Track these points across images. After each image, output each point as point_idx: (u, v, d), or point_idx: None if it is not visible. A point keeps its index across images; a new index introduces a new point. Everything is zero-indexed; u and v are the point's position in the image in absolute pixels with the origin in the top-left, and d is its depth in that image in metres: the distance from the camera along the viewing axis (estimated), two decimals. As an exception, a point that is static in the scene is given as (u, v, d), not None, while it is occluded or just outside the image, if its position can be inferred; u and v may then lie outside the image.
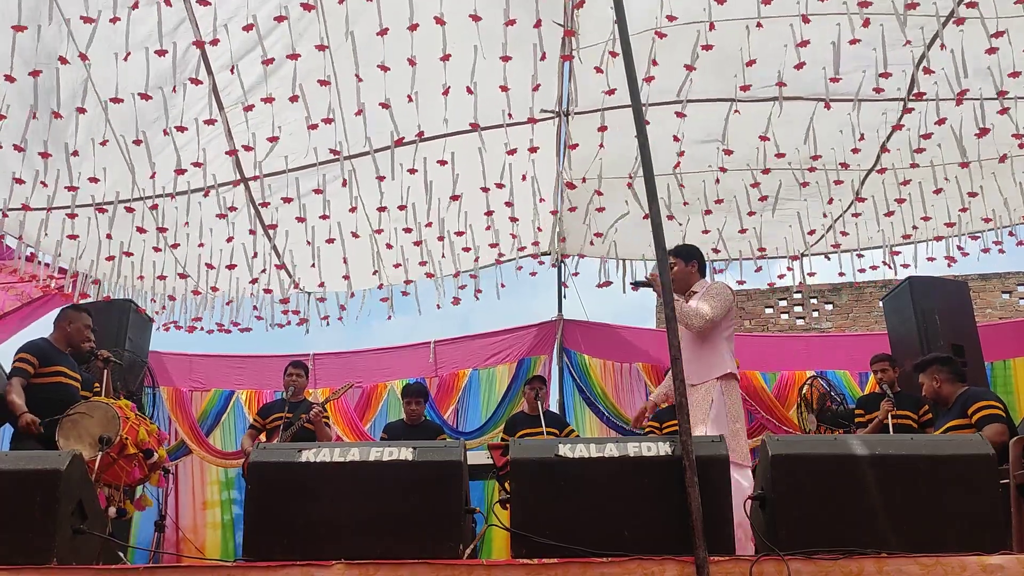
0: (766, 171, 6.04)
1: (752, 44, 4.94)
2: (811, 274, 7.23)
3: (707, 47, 4.84)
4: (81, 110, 4.78)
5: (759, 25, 4.74)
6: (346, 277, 6.69)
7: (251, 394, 7.85)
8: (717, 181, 6.24)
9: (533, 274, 7.37)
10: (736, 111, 5.40)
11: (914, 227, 6.66)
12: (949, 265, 6.89)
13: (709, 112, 5.56)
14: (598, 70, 4.96)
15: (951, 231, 6.73)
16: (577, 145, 5.82)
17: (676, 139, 5.68)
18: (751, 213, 6.49)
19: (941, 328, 6.30)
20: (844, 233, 6.88)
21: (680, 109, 5.39)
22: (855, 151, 5.81)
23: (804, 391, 6.91)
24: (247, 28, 4.55)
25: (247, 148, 5.36)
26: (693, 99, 5.30)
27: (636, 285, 4.80)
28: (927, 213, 6.24)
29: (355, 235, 6.24)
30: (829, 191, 6.31)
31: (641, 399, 7.73)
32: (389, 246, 6.53)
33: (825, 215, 6.72)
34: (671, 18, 4.66)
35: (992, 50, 4.65)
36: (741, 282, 7.23)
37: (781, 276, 7.33)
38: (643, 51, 4.81)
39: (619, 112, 5.39)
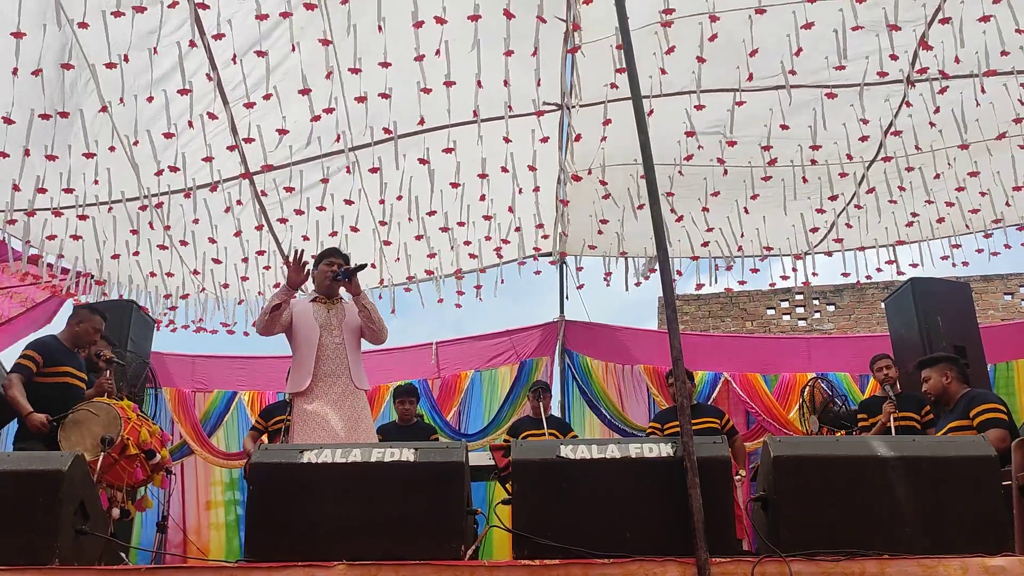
0: (772, 162, 6.02)
1: (754, 34, 4.92)
2: (814, 274, 7.21)
3: (712, 37, 4.82)
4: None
5: (760, 12, 4.72)
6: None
7: (253, 395, 7.86)
8: (725, 172, 6.20)
9: (537, 272, 7.38)
10: (740, 103, 5.37)
11: (914, 214, 6.61)
12: (954, 265, 6.90)
13: (710, 102, 5.49)
14: (616, 73, 4.92)
15: (958, 231, 6.72)
16: (580, 136, 5.78)
17: (689, 134, 5.65)
18: (754, 196, 6.39)
19: (943, 330, 6.28)
20: (848, 225, 6.84)
21: (682, 99, 5.38)
22: (863, 138, 5.77)
23: (805, 393, 6.90)
24: (261, 17, 4.55)
25: (247, 140, 5.37)
26: (694, 90, 5.26)
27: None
28: (930, 197, 6.21)
29: (355, 229, 6.24)
30: (832, 187, 6.29)
31: (643, 401, 7.74)
32: (388, 243, 6.54)
33: (825, 210, 6.68)
34: (668, 12, 4.65)
35: (986, 18, 4.63)
36: (742, 282, 7.21)
37: (784, 277, 7.28)
38: (646, 45, 4.78)
39: (621, 104, 5.34)
